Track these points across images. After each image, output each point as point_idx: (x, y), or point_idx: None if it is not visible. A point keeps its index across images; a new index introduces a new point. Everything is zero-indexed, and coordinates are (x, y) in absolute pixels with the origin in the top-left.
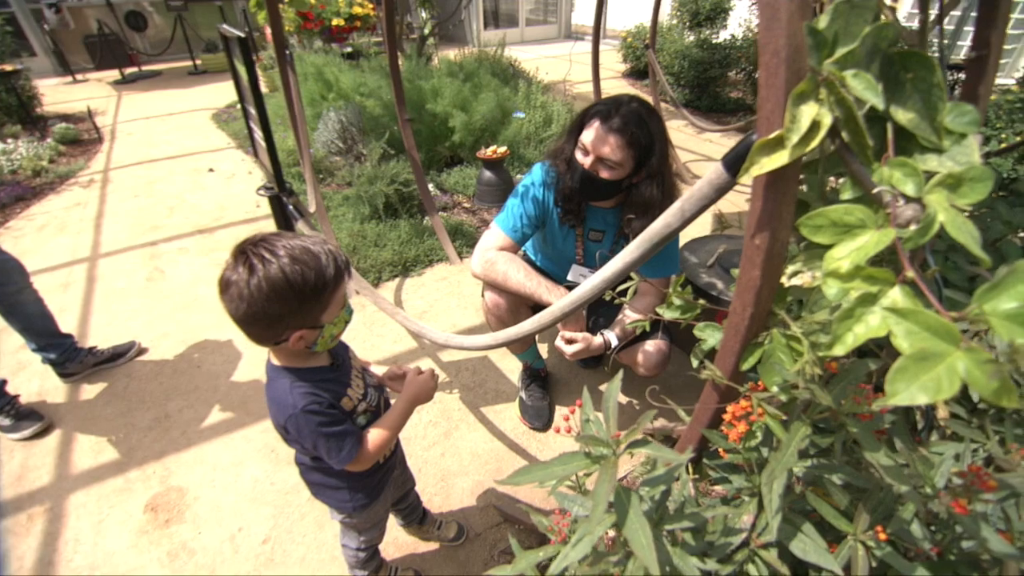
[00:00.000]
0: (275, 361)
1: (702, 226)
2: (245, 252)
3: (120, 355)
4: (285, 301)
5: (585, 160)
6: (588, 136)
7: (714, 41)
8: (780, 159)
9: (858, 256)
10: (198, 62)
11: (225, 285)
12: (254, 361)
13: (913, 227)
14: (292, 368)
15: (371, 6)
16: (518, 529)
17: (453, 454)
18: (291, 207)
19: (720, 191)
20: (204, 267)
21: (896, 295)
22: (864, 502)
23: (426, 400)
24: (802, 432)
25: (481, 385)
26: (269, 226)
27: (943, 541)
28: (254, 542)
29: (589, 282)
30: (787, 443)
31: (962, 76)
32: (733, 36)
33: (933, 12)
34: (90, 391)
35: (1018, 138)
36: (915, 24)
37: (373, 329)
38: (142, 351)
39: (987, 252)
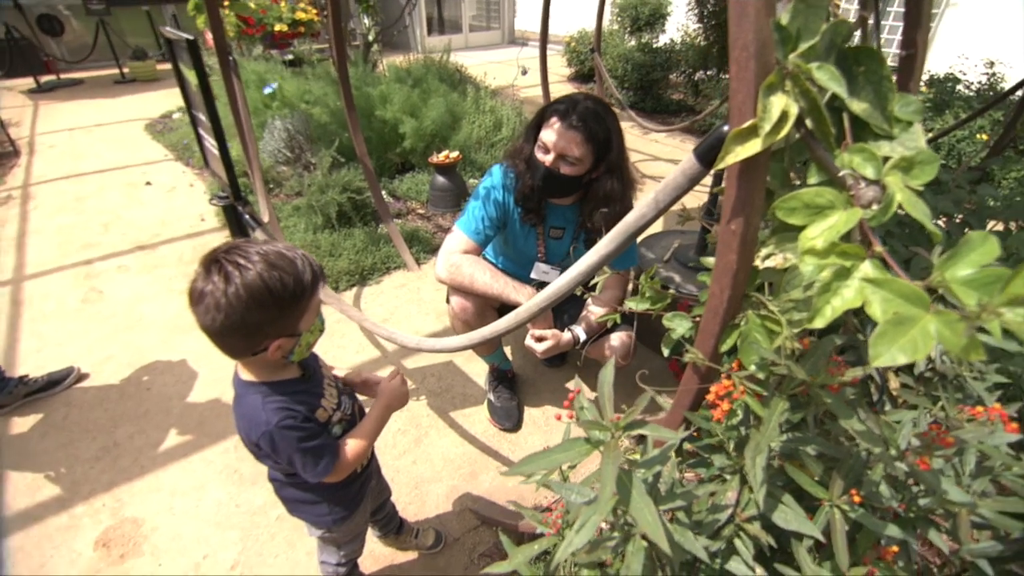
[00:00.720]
0: (244, 375)
1: (656, 223)
2: (218, 260)
3: (56, 383)
4: (265, 309)
5: (546, 158)
6: (548, 134)
7: (655, 45)
8: (753, 147)
9: (830, 234)
10: (125, 70)
11: (198, 296)
12: (210, 379)
13: (875, 207)
14: (263, 382)
15: (315, 11)
16: (496, 531)
17: (425, 461)
18: (247, 216)
19: (693, 180)
20: (147, 285)
21: (867, 268)
22: (838, 469)
23: (400, 406)
24: (781, 407)
25: (448, 390)
26: (216, 240)
27: (904, 500)
28: (222, 568)
29: (564, 277)
30: (768, 419)
31: None
32: (672, 40)
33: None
34: (22, 424)
35: (930, 134)
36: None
37: (334, 339)
38: (82, 377)
39: (917, 235)
